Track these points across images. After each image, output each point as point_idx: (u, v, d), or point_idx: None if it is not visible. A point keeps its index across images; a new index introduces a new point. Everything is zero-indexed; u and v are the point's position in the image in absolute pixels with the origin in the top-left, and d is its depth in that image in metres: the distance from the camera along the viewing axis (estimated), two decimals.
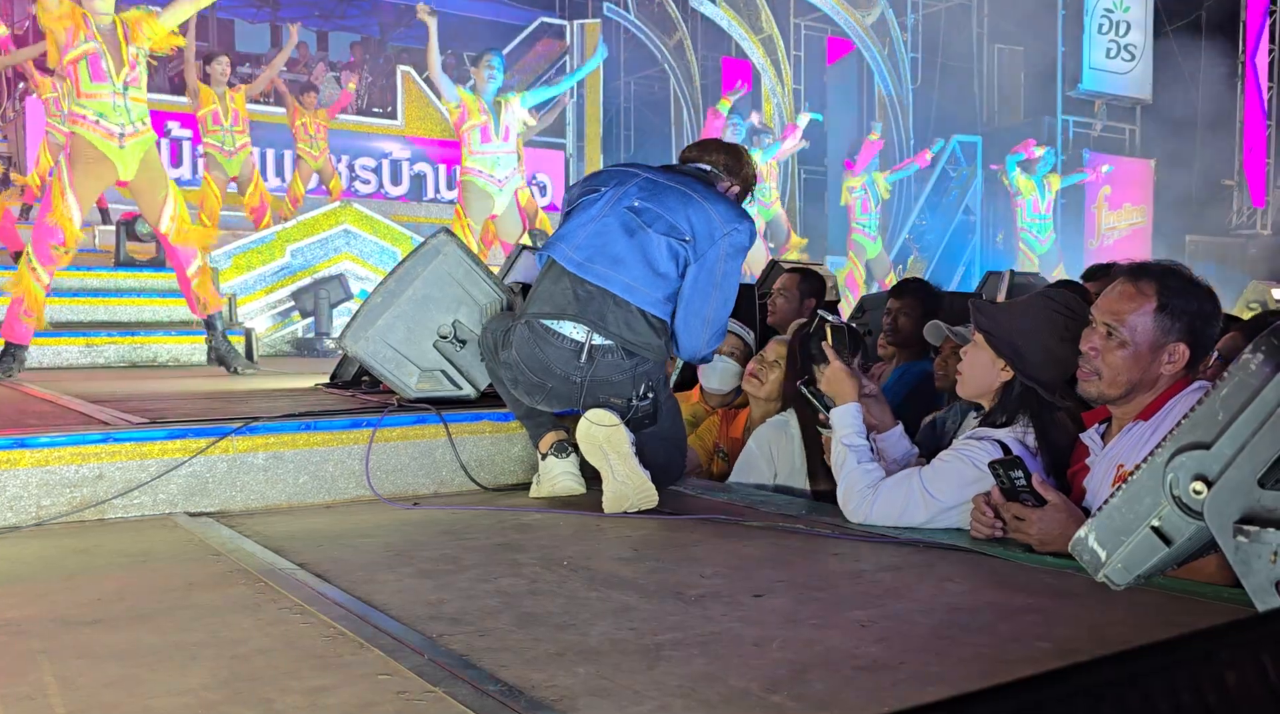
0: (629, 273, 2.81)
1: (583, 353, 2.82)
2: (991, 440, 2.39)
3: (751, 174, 3.14)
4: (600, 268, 2.82)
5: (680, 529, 2.60)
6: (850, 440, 2.58)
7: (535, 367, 2.89)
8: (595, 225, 2.86)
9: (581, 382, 2.84)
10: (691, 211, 2.84)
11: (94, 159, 4.87)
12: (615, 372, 2.84)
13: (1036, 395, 2.40)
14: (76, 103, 4.84)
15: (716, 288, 2.87)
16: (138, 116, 4.93)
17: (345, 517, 2.78)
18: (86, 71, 4.81)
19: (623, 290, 2.81)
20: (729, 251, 2.85)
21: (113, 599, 1.97)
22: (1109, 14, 14.42)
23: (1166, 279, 2.16)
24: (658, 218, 2.83)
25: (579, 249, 2.85)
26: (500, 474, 3.20)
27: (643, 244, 2.81)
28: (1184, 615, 1.81)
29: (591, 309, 2.81)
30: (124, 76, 4.86)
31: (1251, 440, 1.33)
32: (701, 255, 2.83)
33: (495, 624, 1.78)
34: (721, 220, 2.85)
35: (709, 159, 3.08)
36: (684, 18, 16.05)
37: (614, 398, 2.84)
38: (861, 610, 1.85)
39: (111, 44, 4.84)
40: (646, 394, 2.87)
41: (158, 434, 2.75)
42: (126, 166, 4.93)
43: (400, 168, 13.11)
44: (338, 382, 4.05)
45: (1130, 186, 14.78)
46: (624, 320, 2.81)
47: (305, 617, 1.83)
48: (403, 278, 3.21)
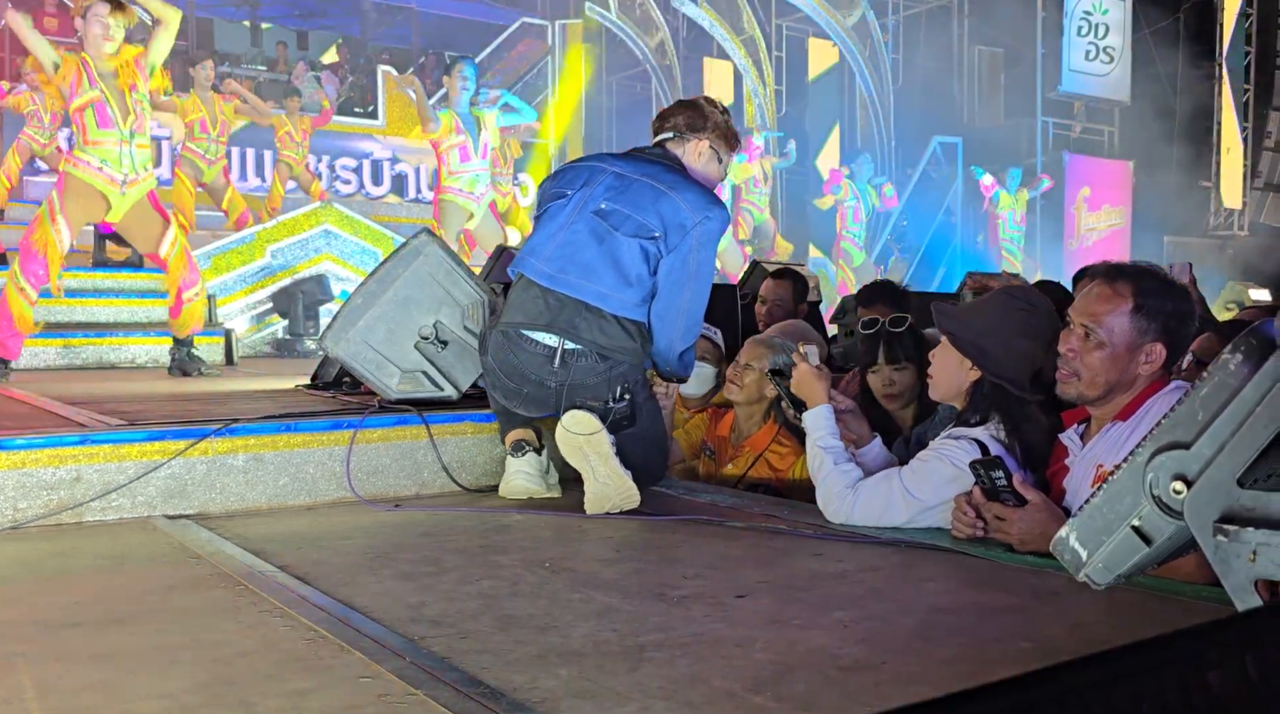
0: (601, 281, 2.79)
1: (556, 358, 2.81)
2: (969, 439, 2.40)
3: (723, 121, 3.04)
4: (571, 278, 2.81)
5: (662, 530, 2.59)
6: (825, 442, 2.58)
7: (510, 372, 2.89)
8: (564, 234, 2.85)
9: (557, 386, 2.83)
10: (661, 205, 2.81)
11: (89, 195, 4.92)
12: (590, 375, 2.83)
13: (1005, 391, 2.41)
14: (81, 148, 4.89)
15: (692, 278, 2.85)
16: (140, 163, 4.99)
17: (326, 519, 2.76)
18: (94, 119, 4.85)
19: (595, 299, 2.79)
20: (701, 240, 2.83)
21: (91, 602, 1.95)
22: (1088, 16, 14.52)
23: (1142, 280, 2.18)
24: (626, 219, 2.81)
25: (549, 261, 2.84)
26: (482, 475, 3.19)
27: (613, 250, 2.80)
28: (1164, 614, 1.82)
29: (563, 318, 2.80)
30: (130, 124, 4.89)
31: (1231, 440, 1.33)
32: (674, 247, 2.81)
33: (477, 626, 1.77)
34: (691, 209, 2.81)
35: (669, 125, 3.01)
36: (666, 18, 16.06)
37: (591, 401, 2.82)
38: (843, 611, 1.85)
39: (115, 91, 4.86)
40: (623, 396, 2.85)
41: (136, 436, 2.72)
42: (119, 209, 5.01)
43: (381, 168, 13.06)
44: (318, 383, 4.03)
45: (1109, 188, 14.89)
46: (597, 327, 2.80)
47: (286, 619, 1.82)
48: (384, 279, 3.20)
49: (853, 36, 14.56)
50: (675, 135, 3.00)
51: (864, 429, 2.75)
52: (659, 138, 3.04)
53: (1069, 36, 14.28)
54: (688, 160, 2.98)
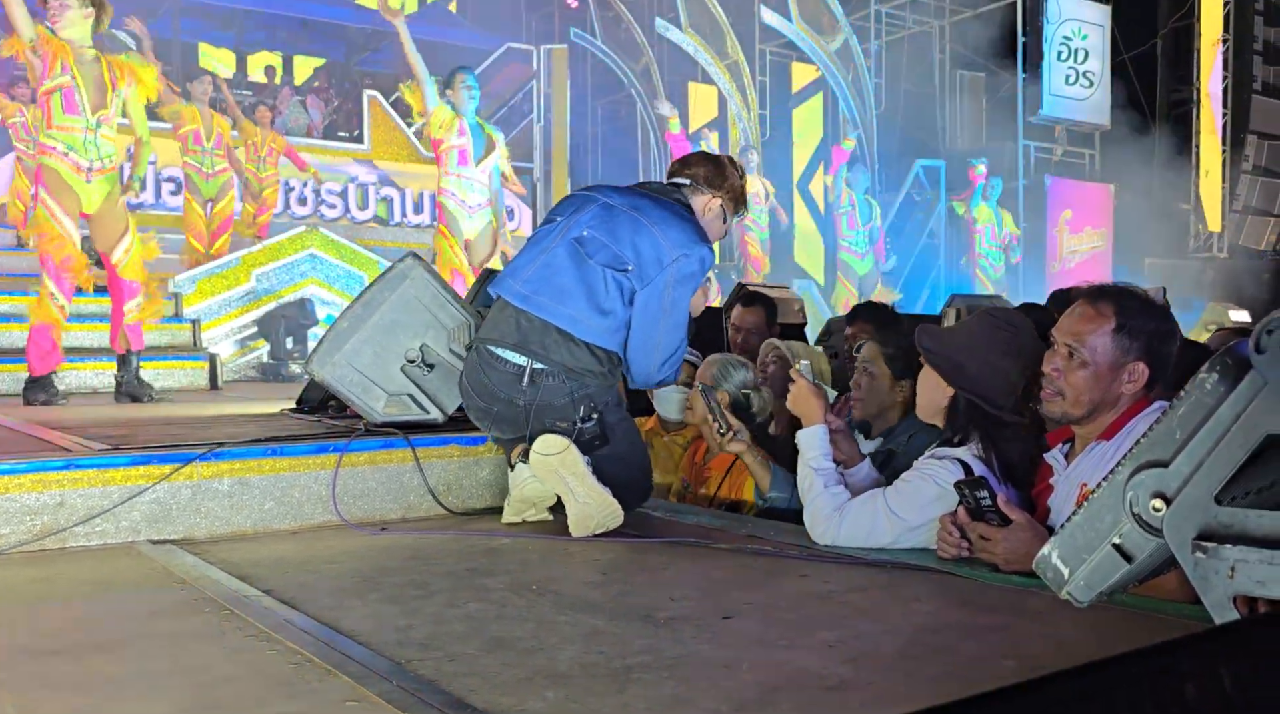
0: (573, 306, 2.81)
1: (525, 377, 2.82)
2: (952, 459, 2.41)
3: (739, 185, 3.10)
4: (544, 300, 2.83)
5: (649, 552, 2.59)
6: (817, 463, 2.59)
7: (480, 391, 2.91)
8: (544, 257, 2.88)
9: (525, 405, 2.84)
10: (639, 238, 2.83)
11: (65, 188, 4.95)
12: (557, 395, 2.83)
13: (980, 409, 2.43)
14: (46, 133, 4.91)
15: (665, 313, 2.85)
16: (105, 154, 5.01)
17: (312, 543, 2.75)
18: (60, 104, 4.87)
19: (567, 323, 2.81)
20: (677, 278, 2.84)
21: (74, 628, 1.94)
22: (1067, 42, 14.68)
23: (1124, 300, 2.21)
24: (601, 247, 2.83)
25: (525, 283, 2.87)
26: (468, 498, 3.18)
27: (587, 276, 2.82)
28: (1146, 632, 1.83)
29: (533, 338, 2.82)
30: (98, 115, 4.90)
31: (1208, 458, 1.35)
32: (649, 281, 2.82)
33: (464, 649, 1.77)
34: (671, 245, 2.83)
35: (689, 172, 3.07)
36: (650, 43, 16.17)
37: (559, 421, 2.83)
38: (829, 631, 1.86)
39: (94, 81, 4.88)
40: (590, 416, 2.85)
41: (121, 460, 2.71)
42: (90, 200, 5.03)
43: (367, 192, 13.06)
44: (304, 407, 4.02)
45: (1090, 211, 15.01)
46: (566, 350, 2.82)
47: (271, 644, 1.81)
48: (370, 302, 3.20)
49: (836, 61, 14.68)
50: (692, 184, 3.04)
51: (853, 450, 2.77)
52: (673, 180, 3.08)
53: (1049, 61, 14.43)
54: (695, 209, 3.02)
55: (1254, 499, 1.40)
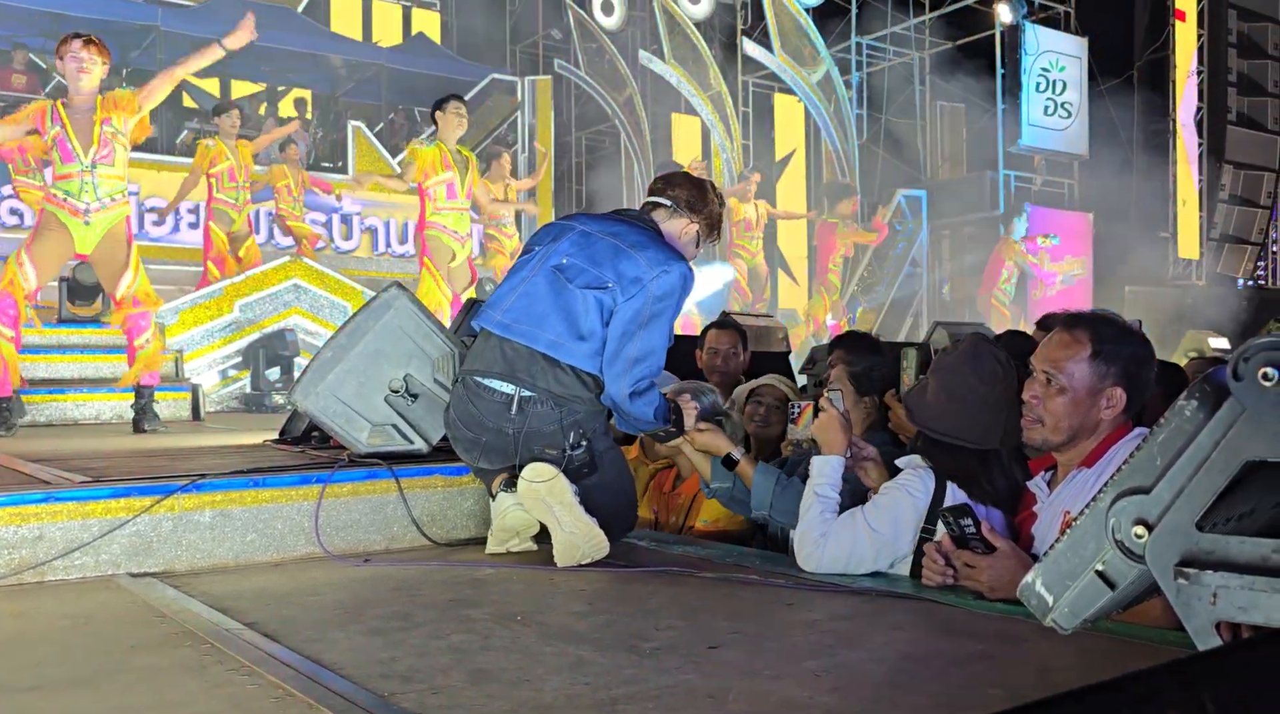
0: (552, 330, 2.83)
1: (513, 405, 2.83)
2: (924, 467, 2.46)
3: (717, 213, 3.12)
4: (524, 327, 2.86)
5: (634, 581, 2.59)
6: (822, 490, 2.59)
7: (469, 422, 2.91)
8: (523, 287, 2.92)
9: (514, 433, 2.84)
10: (620, 262, 2.86)
11: (56, 229, 4.98)
12: (546, 422, 2.84)
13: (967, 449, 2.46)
14: (54, 185, 4.98)
15: (643, 327, 2.85)
16: (105, 193, 5.02)
17: (294, 575, 2.73)
18: (59, 155, 4.97)
19: (548, 347, 2.83)
20: (657, 293, 2.85)
21: (52, 663, 1.92)
22: (1045, 73, 14.87)
23: (1100, 326, 2.24)
24: (581, 272, 2.86)
25: (506, 312, 2.90)
26: (453, 529, 3.17)
27: (567, 302, 2.85)
28: (1131, 660, 1.83)
29: (519, 366, 2.84)
30: (92, 155, 4.95)
31: (1189, 485, 1.36)
32: (630, 296, 2.84)
33: (448, 681, 1.76)
34: (649, 264, 2.86)
35: (672, 194, 3.08)
36: (633, 74, 16.29)
37: (548, 449, 2.83)
38: (815, 660, 1.86)
39: (83, 123, 4.91)
40: (579, 442, 2.86)
41: (101, 492, 2.69)
42: (85, 241, 5.03)
43: (351, 222, 13.07)
44: (287, 437, 4.00)
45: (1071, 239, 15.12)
46: (552, 376, 2.83)
47: (253, 678, 1.79)
48: (354, 332, 3.20)
49: (818, 92, 14.82)
50: (672, 206, 3.06)
51: (884, 479, 2.76)
52: (654, 198, 3.09)
53: (1028, 92, 14.60)
54: (670, 231, 3.04)
55: (1235, 525, 1.41)
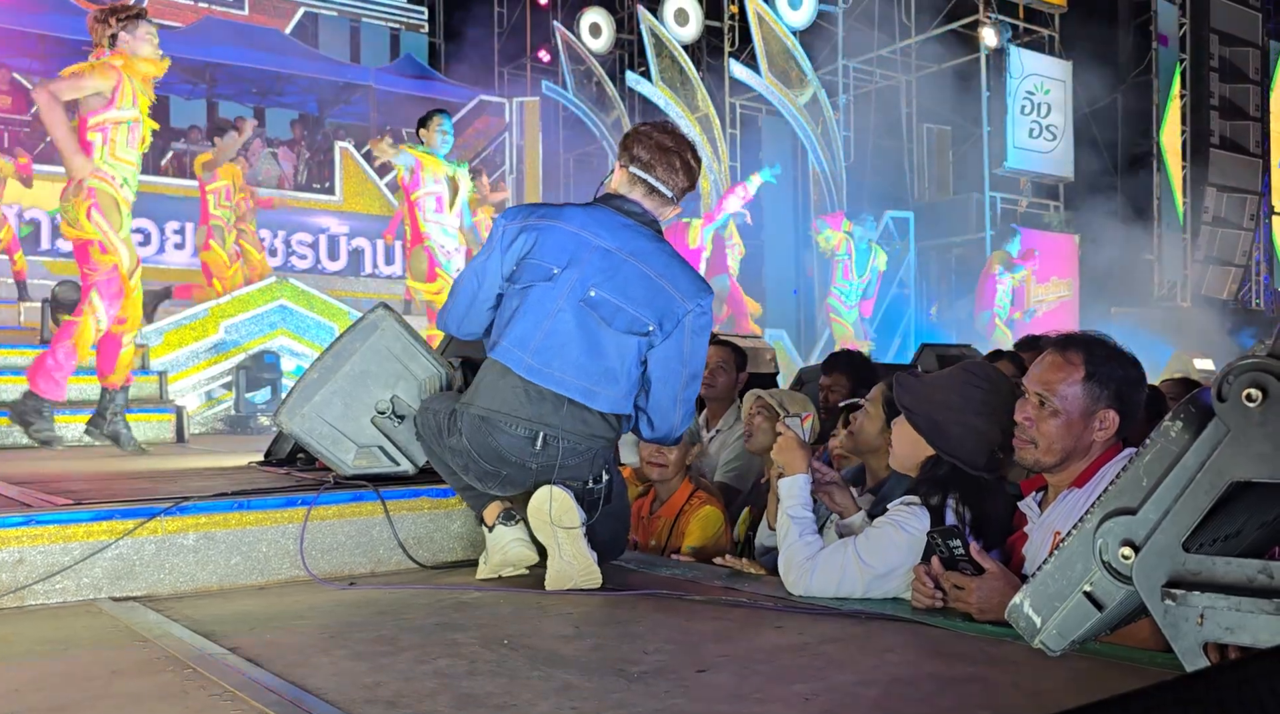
0: (586, 377, 2.74)
1: (537, 441, 2.75)
2: (921, 505, 2.43)
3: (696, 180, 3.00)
4: (555, 373, 2.73)
5: (622, 605, 2.57)
6: (795, 512, 2.59)
7: (488, 455, 2.79)
8: (550, 324, 2.74)
9: (538, 467, 2.78)
10: (657, 299, 2.77)
11: (114, 208, 4.93)
12: (570, 456, 2.78)
13: (961, 472, 2.45)
14: (108, 161, 4.87)
15: (684, 365, 2.83)
16: (133, 189, 5.06)
17: (279, 598, 2.71)
18: (125, 137, 4.87)
19: (582, 396, 2.74)
20: (694, 329, 2.82)
21: (31, 689, 1.89)
22: (1030, 96, 14.99)
23: (1093, 348, 2.25)
24: (617, 311, 2.74)
25: (535, 354, 2.74)
26: (439, 551, 3.15)
27: (602, 346, 2.74)
28: (1119, 681, 1.83)
29: (545, 413, 2.74)
30: (139, 153, 5.00)
31: (1175, 505, 1.36)
32: (667, 335, 2.79)
33: (434, 706, 1.74)
34: (684, 297, 2.80)
35: (677, 185, 2.92)
36: (621, 96, 16.37)
37: (570, 480, 2.79)
38: (804, 684, 1.84)
39: (137, 121, 4.89)
40: (600, 477, 2.84)
41: (82, 515, 2.67)
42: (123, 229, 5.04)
43: (338, 243, 13.06)
44: (272, 459, 3.97)
45: (1056, 261, 15.22)
46: (579, 419, 2.76)
47: (236, 703, 1.77)
48: (340, 353, 3.18)
49: (805, 114, 14.91)
50: (672, 196, 2.92)
51: (848, 501, 2.76)
52: (647, 179, 2.87)
53: (1013, 115, 14.71)
54: (660, 217, 2.92)
55: (1221, 546, 1.41)
